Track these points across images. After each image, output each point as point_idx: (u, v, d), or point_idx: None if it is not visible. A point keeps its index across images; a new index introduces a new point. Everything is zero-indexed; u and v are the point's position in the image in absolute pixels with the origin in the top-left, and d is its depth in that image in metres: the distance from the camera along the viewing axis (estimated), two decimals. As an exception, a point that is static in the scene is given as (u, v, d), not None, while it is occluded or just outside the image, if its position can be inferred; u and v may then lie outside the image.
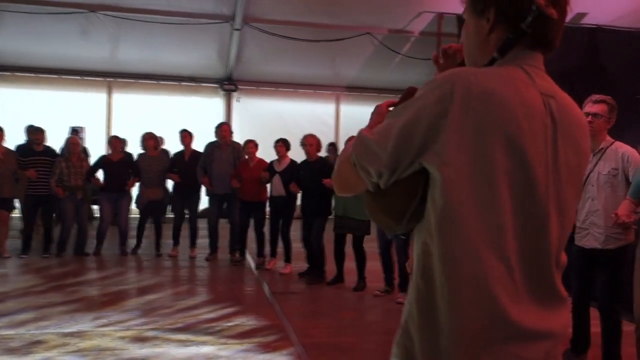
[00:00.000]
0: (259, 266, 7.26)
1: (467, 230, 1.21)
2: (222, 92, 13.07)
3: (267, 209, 7.29)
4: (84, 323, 4.81)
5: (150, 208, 8.00)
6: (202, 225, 8.02)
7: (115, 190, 7.79)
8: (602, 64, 10.86)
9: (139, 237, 8.08)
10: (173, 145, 9.66)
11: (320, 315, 5.39)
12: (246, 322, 4.98)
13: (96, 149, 10.75)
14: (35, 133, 7.77)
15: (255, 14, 11.04)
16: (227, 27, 11.20)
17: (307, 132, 7.11)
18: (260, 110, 12.84)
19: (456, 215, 1.21)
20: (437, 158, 1.22)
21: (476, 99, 1.22)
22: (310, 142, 6.59)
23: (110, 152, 8.27)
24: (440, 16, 10.40)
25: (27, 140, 7.97)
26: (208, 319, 5.03)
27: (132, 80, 12.65)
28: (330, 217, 6.55)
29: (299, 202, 6.94)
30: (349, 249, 6.34)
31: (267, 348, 4.33)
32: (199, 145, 8.17)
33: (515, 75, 1.29)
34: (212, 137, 7.90)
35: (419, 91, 1.30)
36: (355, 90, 13.53)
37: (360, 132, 1.36)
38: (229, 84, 12.81)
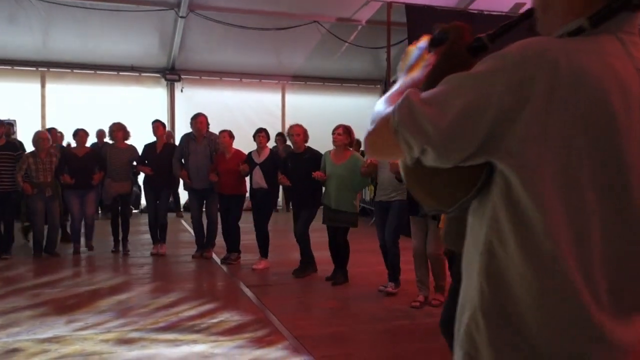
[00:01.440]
0: (225, 260, 7.04)
1: (553, 238, 1.04)
2: (164, 82, 12.65)
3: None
4: (58, 328, 4.52)
5: (118, 202, 7.65)
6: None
7: (82, 186, 7.41)
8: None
9: (115, 235, 7.76)
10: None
11: (304, 307, 5.33)
12: (230, 317, 4.84)
13: (30, 143, 10.14)
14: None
15: (200, 1, 10.73)
16: (171, 14, 10.82)
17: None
18: (205, 101, 12.44)
19: (539, 223, 1.04)
20: (511, 158, 1.04)
21: (566, 87, 1.02)
22: (297, 131, 6.35)
23: (75, 146, 7.79)
24: (390, 5, 10.49)
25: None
26: (190, 317, 4.86)
27: (68, 70, 12.01)
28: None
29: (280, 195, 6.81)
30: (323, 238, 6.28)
31: (260, 343, 4.23)
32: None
33: (611, 50, 1.08)
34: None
35: (487, 62, 1.09)
36: (301, 79, 13.46)
37: (409, 95, 1.13)
38: (171, 74, 12.40)
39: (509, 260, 1.08)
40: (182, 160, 7.29)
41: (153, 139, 7.63)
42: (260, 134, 6.71)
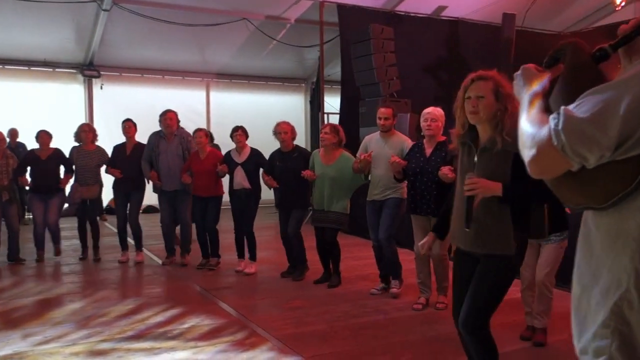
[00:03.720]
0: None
1: None
2: (82, 79, 11.93)
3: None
4: (15, 343, 4.13)
5: (86, 207, 7.13)
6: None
7: (45, 189, 6.86)
8: (462, 54, 11.83)
9: (83, 242, 7.26)
10: (28, 139, 8.64)
11: (271, 307, 5.21)
12: (201, 322, 4.65)
13: None
14: None
15: (124, -7, 10.21)
16: (92, 6, 10.21)
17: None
18: (125, 99, 11.91)
19: None
20: None
21: None
22: (284, 129, 6.06)
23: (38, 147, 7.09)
24: (322, 4, 10.53)
25: None
26: (158, 323, 4.61)
27: (-29, 65, 11.02)
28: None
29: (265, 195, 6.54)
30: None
31: (244, 346, 4.09)
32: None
33: None
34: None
35: (635, 69, 1.28)
36: (226, 77, 13.20)
37: (567, 115, 1.27)
38: (90, 70, 11.72)
39: None
40: (152, 162, 6.79)
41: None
42: (237, 133, 6.37)
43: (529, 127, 1.36)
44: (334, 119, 10.78)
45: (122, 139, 7.04)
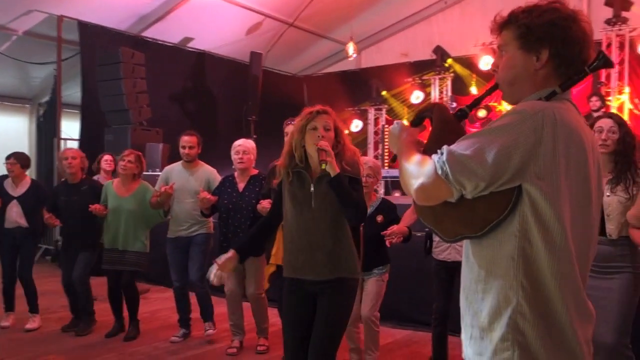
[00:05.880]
0: None
1: (566, 236, 1.49)
2: None
3: None
4: None
5: None
6: None
7: None
8: (208, 86, 11.92)
9: None
10: None
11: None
12: None
13: None
14: None
15: None
16: None
17: None
18: None
19: (563, 228, 1.48)
20: (537, 179, 1.45)
21: (561, 129, 1.47)
22: (72, 154, 5.13)
23: None
24: (60, 19, 9.50)
25: None
26: None
27: None
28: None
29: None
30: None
31: None
32: None
33: (572, 109, 1.60)
34: None
35: (507, 117, 1.51)
36: None
37: (451, 150, 1.49)
38: None
39: (539, 258, 1.48)
40: None
41: None
42: (9, 161, 5.22)
43: (413, 165, 1.58)
44: (73, 146, 9.73)
45: None
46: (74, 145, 9.82)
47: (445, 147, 1.50)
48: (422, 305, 4.77)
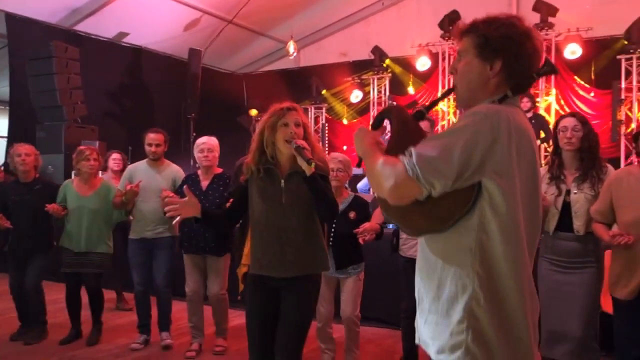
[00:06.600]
0: None
1: (519, 227, 1.63)
2: None
3: None
4: None
5: None
6: None
7: None
8: (145, 82, 11.64)
9: None
10: None
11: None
12: None
13: None
14: None
15: None
16: None
17: None
18: None
19: (517, 220, 1.62)
20: (495, 175, 1.59)
21: (514, 130, 1.61)
22: (26, 151, 4.81)
23: None
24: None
25: None
26: None
27: None
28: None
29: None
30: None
31: None
32: None
33: (521, 114, 1.75)
34: None
35: (466, 119, 1.64)
36: None
37: (419, 151, 1.58)
38: None
39: (494, 248, 1.61)
40: None
41: None
42: None
43: (382, 167, 1.62)
44: (1, 144, 9.30)
45: None
46: (3, 143, 9.41)
47: (412, 149, 1.58)
48: (393, 302, 4.74)
